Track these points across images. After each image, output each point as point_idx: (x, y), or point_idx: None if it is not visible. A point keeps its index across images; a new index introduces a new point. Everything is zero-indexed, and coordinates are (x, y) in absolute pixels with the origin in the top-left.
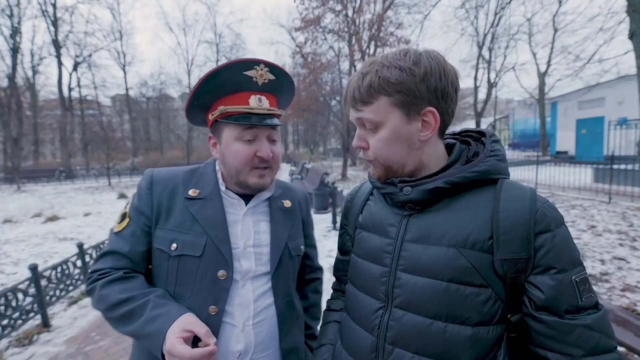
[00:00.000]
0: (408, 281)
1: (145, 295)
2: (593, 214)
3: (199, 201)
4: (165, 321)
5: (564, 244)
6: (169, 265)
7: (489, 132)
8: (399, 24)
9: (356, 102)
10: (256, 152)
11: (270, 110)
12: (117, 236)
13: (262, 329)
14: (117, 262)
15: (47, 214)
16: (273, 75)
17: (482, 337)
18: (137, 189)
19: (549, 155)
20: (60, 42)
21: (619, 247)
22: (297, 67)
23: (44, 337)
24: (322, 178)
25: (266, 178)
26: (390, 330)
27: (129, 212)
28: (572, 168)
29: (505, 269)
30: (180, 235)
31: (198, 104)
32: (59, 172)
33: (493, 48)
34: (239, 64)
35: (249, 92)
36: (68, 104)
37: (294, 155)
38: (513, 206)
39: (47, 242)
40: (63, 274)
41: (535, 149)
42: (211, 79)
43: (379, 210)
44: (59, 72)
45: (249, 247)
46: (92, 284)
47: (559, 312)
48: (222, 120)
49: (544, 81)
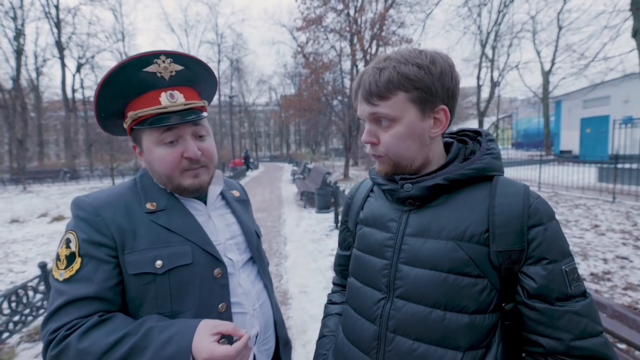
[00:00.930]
0: (409, 273)
1: (141, 326)
2: (597, 213)
3: (162, 212)
4: (184, 337)
5: (555, 237)
6: (157, 286)
7: (484, 132)
8: (401, 23)
9: (372, 96)
10: (183, 154)
11: (188, 104)
12: (70, 282)
13: (265, 310)
14: (83, 310)
15: (53, 214)
16: (181, 66)
17: (479, 324)
18: (77, 222)
19: (553, 155)
20: (63, 44)
21: (622, 246)
22: (298, 67)
23: None
24: (324, 178)
25: (202, 176)
26: (391, 319)
27: (78, 250)
28: (576, 167)
29: (500, 260)
30: (161, 250)
31: (107, 114)
32: (64, 173)
33: (496, 46)
34: (134, 60)
35: (157, 90)
36: (72, 105)
37: (296, 155)
38: (508, 201)
39: (53, 242)
40: None
41: (539, 149)
42: (107, 84)
43: (379, 207)
44: (62, 74)
45: (228, 240)
46: (59, 343)
47: (550, 300)
48: (137, 127)
49: (548, 80)
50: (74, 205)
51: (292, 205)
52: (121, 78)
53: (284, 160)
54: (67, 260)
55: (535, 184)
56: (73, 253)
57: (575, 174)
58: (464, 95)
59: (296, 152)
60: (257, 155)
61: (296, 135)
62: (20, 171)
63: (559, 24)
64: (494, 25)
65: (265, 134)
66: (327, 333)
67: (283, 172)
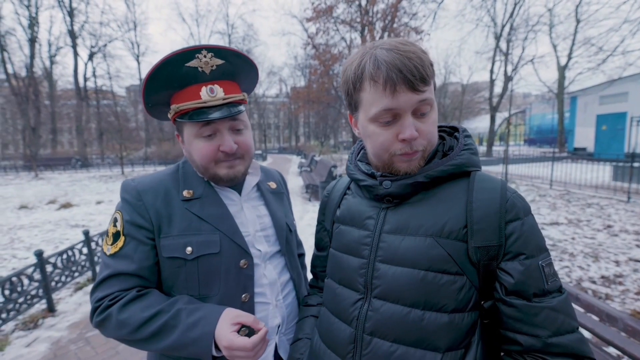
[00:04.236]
0: (387, 271)
1: (172, 305)
2: (610, 213)
3: (197, 201)
4: (209, 323)
5: (532, 231)
6: (186, 270)
7: (461, 128)
8: (414, 14)
9: (419, 82)
10: (219, 147)
11: (227, 98)
12: (115, 258)
13: (289, 301)
14: (124, 284)
15: (62, 201)
16: (221, 60)
17: (458, 323)
18: (123, 203)
19: (566, 152)
20: (76, 33)
21: (636, 249)
22: (308, 59)
23: (49, 322)
24: (330, 170)
25: (238, 167)
26: (368, 321)
27: (123, 230)
28: (590, 165)
29: (479, 256)
30: (192, 237)
31: (154, 104)
32: (75, 161)
33: (511, 39)
34: (177, 56)
35: (198, 85)
36: (84, 93)
37: (305, 147)
38: (485, 196)
39: (59, 229)
40: (69, 260)
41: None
42: (152, 80)
43: (356, 204)
44: (74, 62)
45: (258, 232)
46: (103, 312)
47: (527, 296)
48: (179, 120)
49: (563, 75)
50: (121, 188)
51: (297, 198)
52: (164, 73)
53: (293, 153)
54: (113, 238)
55: (547, 182)
56: (118, 232)
57: (589, 172)
58: (476, 90)
59: (305, 144)
60: (266, 147)
61: (305, 128)
62: (32, 158)
63: (577, 17)
64: (509, 17)
65: (274, 125)
66: (302, 336)
67: (291, 164)
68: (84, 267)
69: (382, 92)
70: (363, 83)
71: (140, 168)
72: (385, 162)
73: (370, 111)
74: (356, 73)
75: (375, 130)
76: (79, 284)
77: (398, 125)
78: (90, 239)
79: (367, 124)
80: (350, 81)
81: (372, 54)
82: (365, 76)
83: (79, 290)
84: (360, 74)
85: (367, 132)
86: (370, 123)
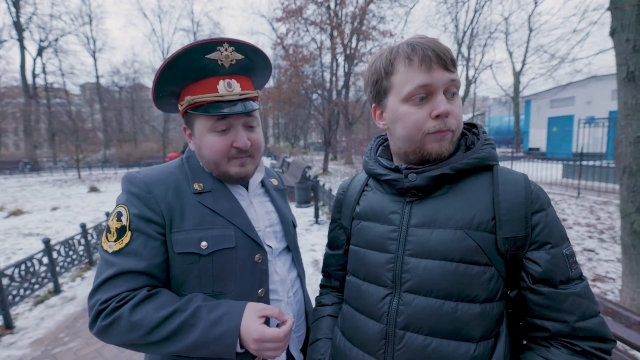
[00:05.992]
0: (417, 265)
1: (188, 303)
2: (563, 207)
3: (209, 194)
4: (233, 318)
5: (555, 221)
6: (200, 266)
7: (479, 124)
8: (382, 18)
9: (451, 62)
10: (232, 143)
11: (244, 94)
12: (120, 255)
13: (298, 298)
14: (132, 283)
15: (10, 208)
16: (241, 55)
17: (489, 313)
18: (129, 196)
19: (522, 152)
20: (23, 25)
21: (588, 239)
22: (278, 59)
23: (7, 340)
24: (303, 172)
25: (248, 165)
26: (400, 315)
27: (129, 224)
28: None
29: (507, 246)
30: (207, 232)
31: (164, 94)
32: (23, 164)
33: (472, 46)
34: (199, 46)
35: (216, 77)
36: (32, 91)
37: (275, 149)
38: (511, 188)
39: (10, 238)
40: (27, 271)
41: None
42: (170, 67)
43: (378, 199)
44: (21, 57)
45: (267, 228)
46: (111, 314)
47: (554, 283)
48: (192, 112)
49: (519, 80)
50: (125, 180)
51: None
52: (185, 62)
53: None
54: (117, 233)
55: None
56: (124, 226)
57: (543, 170)
58: None
59: (275, 145)
60: None
61: (275, 129)
62: None
63: (530, 26)
64: (470, 24)
65: None
66: (321, 336)
67: None
68: (44, 278)
69: (418, 68)
70: (396, 66)
71: (100, 171)
72: (417, 143)
73: (404, 90)
74: (388, 59)
75: (409, 109)
76: (39, 297)
77: (431, 103)
78: (52, 247)
79: (399, 106)
80: (382, 68)
81: (404, 43)
82: (400, 59)
83: (40, 304)
84: (393, 58)
85: (398, 114)
86: (403, 104)
